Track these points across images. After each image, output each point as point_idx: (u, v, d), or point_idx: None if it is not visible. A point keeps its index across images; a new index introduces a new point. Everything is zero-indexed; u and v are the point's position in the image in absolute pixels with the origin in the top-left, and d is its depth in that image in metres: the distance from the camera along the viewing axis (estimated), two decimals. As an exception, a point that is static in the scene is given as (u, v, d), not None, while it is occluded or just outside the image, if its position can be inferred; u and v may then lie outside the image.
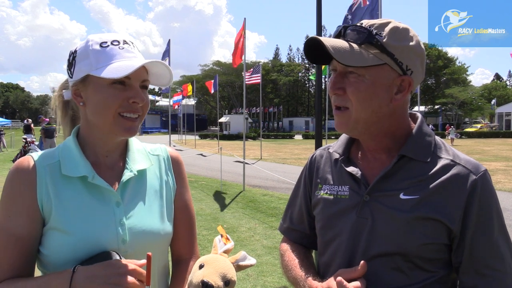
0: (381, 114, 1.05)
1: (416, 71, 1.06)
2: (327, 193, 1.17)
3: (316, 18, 5.73)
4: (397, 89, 1.04)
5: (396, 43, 1.02)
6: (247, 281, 4.36)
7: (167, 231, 1.17)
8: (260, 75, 18.83)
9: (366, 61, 1.00)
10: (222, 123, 51.98)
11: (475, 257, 1.00)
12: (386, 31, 1.02)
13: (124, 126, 1.09)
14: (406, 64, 1.03)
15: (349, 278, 0.99)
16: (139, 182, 1.17)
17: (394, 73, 1.03)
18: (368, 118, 1.05)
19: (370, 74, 1.02)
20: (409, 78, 1.04)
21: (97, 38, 1.10)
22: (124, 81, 1.06)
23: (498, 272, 1.00)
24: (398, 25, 1.04)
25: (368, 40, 1.01)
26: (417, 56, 1.05)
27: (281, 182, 10.92)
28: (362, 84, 1.02)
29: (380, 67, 1.02)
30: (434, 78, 62.07)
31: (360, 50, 1.01)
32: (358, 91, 1.02)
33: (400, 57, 1.02)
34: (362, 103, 1.03)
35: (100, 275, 0.95)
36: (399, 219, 1.02)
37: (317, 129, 6.06)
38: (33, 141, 14.29)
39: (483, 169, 1.04)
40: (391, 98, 1.04)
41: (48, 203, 1.05)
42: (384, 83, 1.03)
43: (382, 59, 1.01)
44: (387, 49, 1.01)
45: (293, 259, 1.23)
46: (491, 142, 33.40)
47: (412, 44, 1.04)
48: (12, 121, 60.95)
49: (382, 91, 1.03)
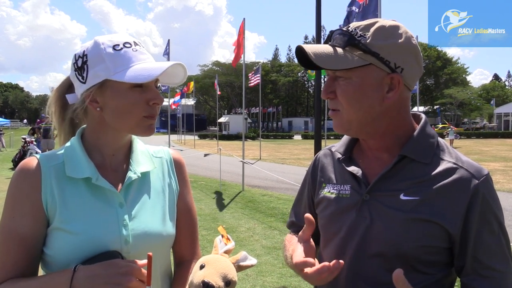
0: (374, 114, 1.05)
1: (409, 67, 1.04)
2: (329, 192, 1.19)
3: (315, 18, 5.74)
4: (388, 87, 1.04)
5: (381, 42, 1.01)
6: (246, 281, 4.37)
7: (170, 232, 1.18)
8: (259, 75, 18.86)
9: (349, 63, 1.01)
10: (221, 123, 51.91)
11: (476, 261, 1.01)
12: (370, 32, 1.02)
13: (145, 126, 1.11)
14: (394, 62, 1.02)
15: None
16: (143, 184, 1.18)
17: (381, 72, 1.03)
18: (361, 118, 1.05)
19: (357, 76, 1.02)
20: (398, 75, 1.03)
21: (107, 40, 1.08)
22: (142, 84, 1.07)
23: (498, 273, 1.00)
24: (384, 24, 1.04)
25: (350, 43, 1.02)
26: (408, 52, 1.04)
27: (280, 182, 10.92)
28: (350, 86, 1.03)
29: (366, 67, 1.02)
30: (433, 79, 62.13)
31: (344, 53, 1.02)
32: (346, 93, 1.04)
33: (387, 55, 1.01)
34: (353, 105, 1.04)
35: (101, 274, 0.95)
36: (397, 220, 1.02)
37: (316, 129, 6.07)
38: (32, 141, 14.26)
39: (486, 173, 1.03)
40: (383, 97, 1.04)
41: (52, 204, 1.06)
42: (372, 83, 1.03)
43: (367, 60, 1.01)
44: (371, 49, 1.01)
45: (291, 238, 1.27)
46: (490, 143, 33.42)
47: (401, 41, 1.03)
48: (11, 121, 60.90)
49: (371, 91, 1.03)
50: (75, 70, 1.11)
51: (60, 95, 1.20)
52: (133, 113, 1.08)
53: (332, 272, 0.97)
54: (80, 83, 1.10)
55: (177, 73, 1.15)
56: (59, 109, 1.21)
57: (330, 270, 0.96)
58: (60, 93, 1.20)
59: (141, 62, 1.08)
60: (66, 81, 1.20)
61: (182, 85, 23.01)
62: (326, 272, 0.97)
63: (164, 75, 1.10)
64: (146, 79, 1.03)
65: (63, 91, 1.19)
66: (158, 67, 1.06)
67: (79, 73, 1.09)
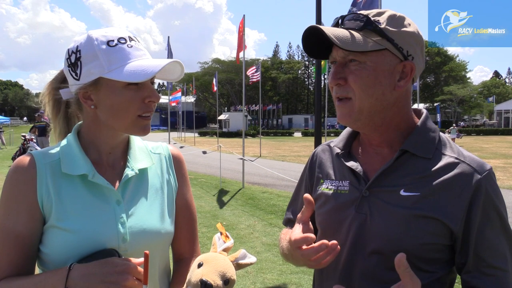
0: (385, 102, 1.03)
1: (417, 57, 1.04)
2: (327, 188, 1.17)
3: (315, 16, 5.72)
4: (400, 75, 1.03)
5: (395, 28, 1.01)
6: (246, 278, 4.36)
7: (168, 230, 1.17)
8: (259, 72, 18.84)
9: (366, 46, 0.99)
10: (221, 120, 51.90)
11: (478, 258, 0.99)
12: (384, 18, 1.02)
13: (141, 126, 1.09)
14: (407, 50, 1.02)
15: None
16: (140, 180, 1.16)
17: (395, 58, 1.02)
18: (372, 106, 1.03)
19: (371, 60, 1.01)
20: (411, 63, 1.03)
21: (101, 36, 1.05)
22: (137, 82, 1.04)
23: (500, 271, 0.98)
24: (394, 13, 1.04)
25: (367, 26, 1.01)
26: (416, 42, 1.04)
27: (281, 180, 10.92)
28: (364, 71, 1.01)
29: (381, 52, 1.01)
30: (433, 76, 62.07)
31: (361, 36, 1.01)
32: (360, 78, 1.01)
33: (400, 42, 1.01)
34: (366, 91, 1.02)
35: (97, 273, 0.94)
36: (397, 216, 1.00)
37: (316, 126, 6.07)
38: (32, 139, 14.25)
39: (488, 168, 1.01)
40: (395, 84, 1.03)
41: (48, 201, 1.04)
42: (386, 69, 1.02)
43: (383, 45, 1.00)
44: (387, 34, 1.00)
45: (287, 231, 1.24)
46: (490, 140, 33.42)
47: (411, 30, 1.03)
48: (11, 118, 60.84)
49: (384, 77, 1.02)
50: (68, 66, 1.08)
51: (53, 89, 1.17)
52: (129, 111, 1.06)
53: (329, 252, 0.95)
54: (74, 80, 1.07)
55: (173, 69, 1.13)
56: (52, 102, 1.19)
57: (328, 249, 0.95)
58: (54, 87, 1.17)
59: (137, 59, 1.05)
60: (59, 75, 1.17)
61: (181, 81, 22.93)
62: (324, 250, 0.95)
63: (161, 72, 1.08)
64: (142, 78, 1.01)
65: (56, 85, 1.17)
66: (154, 65, 1.03)
67: (72, 69, 1.07)
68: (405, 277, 0.86)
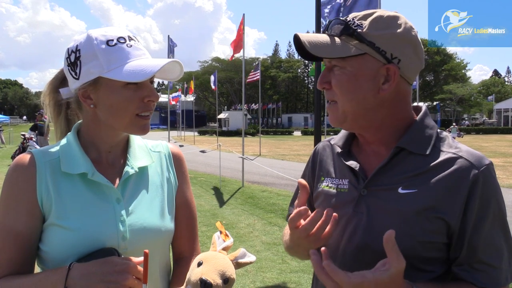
0: (368, 105, 1.03)
1: (406, 58, 1.02)
2: (328, 186, 1.16)
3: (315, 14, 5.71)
4: (384, 78, 1.02)
5: (378, 32, 1.00)
6: (246, 277, 4.37)
7: (168, 228, 1.17)
8: (259, 71, 18.83)
9: (344, 52, 1.00)
10: (221, 119, 51.95)
11: (471, 252, 0.98)
12: (367, 21, 1.01)
13: (140, 125, 1.09)
14: (391, 53, 1.00)
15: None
16: (140, 179, 1.16)
17: (377, 62, 1.01)
18: (355, 110, 1.03)
19: (352, 66, 1.01)
20: (395, 66, 1.01)
21: (100, 35, 1.06)
22: (136, 82, 1.04)
23: (491, 268, 0.97)
24: (382, 14, 1.02)
25: (345, 32, 1.01)
26: (405, 42, 1.02)
27: (280, 178, 10.93)
28: (344, 76, 1.02)
29: (361, 57, 1.00)
30: (433, 75, 62.08)
31: (340, 42, 1.01)
32: (340, 83, 1.02)
33: (383, 45, 1.00)
34: (346, 95, 1.02)
35: (97, 272, 0.94)
36: (395, 215, 0.99)
37: (316, 125, 6.06)
38: (32, 137, 14.23)
39: (487, 162, 0.99)
40: (378, 88, 1.02)
41: (48, 200, 1.04)
42: (366, 73, 1.01)
43: (362, 49, 1.00)
44: (366, 38, 0.99)
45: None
46: (490, 138, 33.43)
47: (399, 31, 1.01)
48: (11, 117, 60.82)
49: (365, 81, 1.01)
50: (68, 65, 1.08)
51: (54, 89, 1.18)
52: (127, 110, 1.06)
53: (327, 221, 0.95)
54: (73, 79, 1.08)
55: (173, 69, 1.13)
56: (53, 102, 1.19)
57: (325, 218, 0.95)
58: (54, 86, 1.18)
59: (136, 58, 1.05)
60: (59, 75, 1.18)
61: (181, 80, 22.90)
62: (321, 219, 0.95)
63: (160, 71, 1.08)
64: (141, 77, 1.01)
65: (57, 84, 1.18)
66: (153, 65, 1.03)
67: (72, 68, 1.07)
68: (392, 254, 0.85)
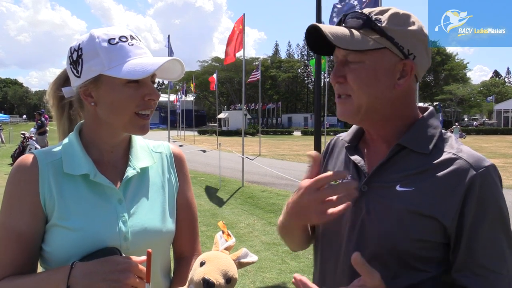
0: (384, 100, 1.03)
1: (420, 56, 1.04)
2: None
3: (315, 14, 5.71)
4: (400, 74, 1.03)
5: (396, 27, 1.01)
6: (246, 277, 4.37)
7: (169, 228, 1.17)
8: (259, 71, 18.84)
9: (365, 45, 1.00)
10: (221, 119, 51.93)
11: (471, 257, 0.96)
12: (385, 16, 1.02)
13: (139, 125, 1.09)
14: (408, 48, 1.02)
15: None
16: (142, 179, 1.16)
17: (395, 57, 1.02)
18: (370, 104, 1.03)
19: (370, 59, 1.01)
20: (411, 62, 1.02)
21: (102, 34, 1.06)
22: (137, 79, 1.05)
23: (493, 273, 0.95)
24: (398, 11, 1.03)
25: (367, 25, 1.01)
26: (419, 40, 1.04)
27: (280, 178, 10.93)
28: (362, 70, 1.01)
29: (380, 51, 1.01)
30: (433, 75, 62.09)
31: (360, 35, 1.01)
32: (359, 77, 1.01)
33: (401, 41, 1.01)
34: (364, 89, 1.02)
35: (99, 271, 0.95)
36: (392, 212, 0.99)
37: (316, 125, 6.07)
38: (31, 137, 14.23)
39: (487, 164, 0.97)
40: (394, 83, 1.02)
41: (50, 200, 1.05)
42: (385, 67, 1.01)
43: (382, 43, 1.00)
44: (387, 33, 1.00)
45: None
46: (490, 139, 33.45)
47: (414, 28, 1.02)
48: (11, 116, 60.82)
49: (383, 76, 1.02)
50: (70, 64, 1.09)
51: (57, 88, 1.18)
52: (128, 108, 1.06)
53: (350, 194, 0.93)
54: (75, 77, 1.08)
55: (174, 68, 1.14)
56: (57, 102, 1.20)
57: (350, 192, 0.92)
58: (58, 85, 1.19)
59: (137, 57, 1.06)
60: (63, 74, 1.19)
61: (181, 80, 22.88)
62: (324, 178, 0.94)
63: (161, 71, 1.08)
64: (142, 75, 1.01)
65: (60, 83, 1.18)
66: (154, 63, 1.04)
67: (74, 67, 1.08)
68: (364, 273, 0.88)
